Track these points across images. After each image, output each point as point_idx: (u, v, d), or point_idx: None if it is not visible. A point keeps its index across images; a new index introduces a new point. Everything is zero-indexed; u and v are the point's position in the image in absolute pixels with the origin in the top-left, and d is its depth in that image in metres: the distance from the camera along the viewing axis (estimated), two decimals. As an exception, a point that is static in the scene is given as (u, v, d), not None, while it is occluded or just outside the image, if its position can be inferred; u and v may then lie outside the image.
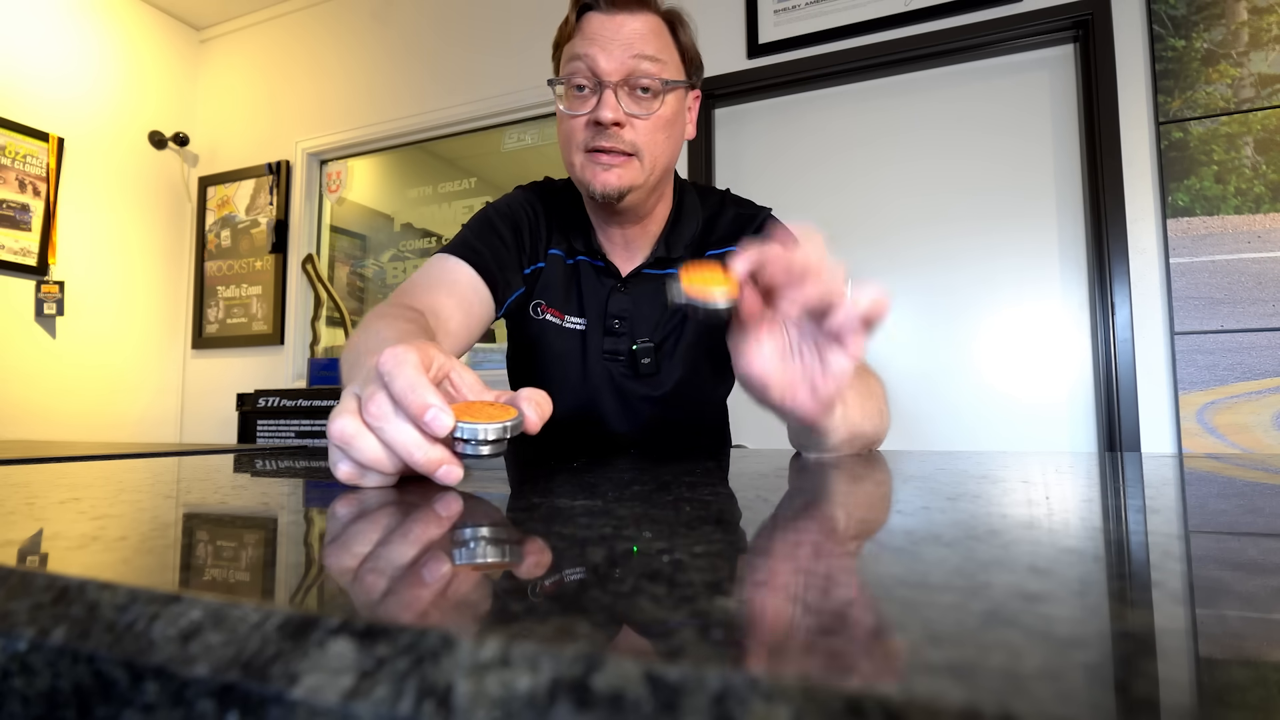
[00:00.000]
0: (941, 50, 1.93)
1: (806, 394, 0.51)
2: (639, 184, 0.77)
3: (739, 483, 0.40)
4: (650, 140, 0.77)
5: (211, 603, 0.14)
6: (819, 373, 0.50)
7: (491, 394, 0.42)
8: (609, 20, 0.75)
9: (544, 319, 0.86)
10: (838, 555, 0.20)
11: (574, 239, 0.86)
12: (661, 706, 0.10)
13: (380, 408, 0.36)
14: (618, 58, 0.74)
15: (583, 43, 0.75)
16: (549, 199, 0.89)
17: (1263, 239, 1.62)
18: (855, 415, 0.61)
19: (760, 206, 0.90)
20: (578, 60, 0.75)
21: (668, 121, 0.78)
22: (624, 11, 0.75)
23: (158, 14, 3.02)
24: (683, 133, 0.83)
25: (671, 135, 0.79)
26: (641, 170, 0.77)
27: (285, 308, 2.85)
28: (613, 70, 0.74)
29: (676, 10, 0.80)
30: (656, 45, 0.76)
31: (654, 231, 0.86)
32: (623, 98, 0.75)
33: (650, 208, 0.84)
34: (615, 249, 0.87)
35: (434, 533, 0.23)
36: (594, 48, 0.74)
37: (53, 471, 0.47)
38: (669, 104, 0.77)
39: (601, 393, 0.87)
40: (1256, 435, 1.59)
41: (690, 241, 0.86)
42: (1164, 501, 0.32)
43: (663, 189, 0.84)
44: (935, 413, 1.92)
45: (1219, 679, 0.11)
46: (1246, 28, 1.68)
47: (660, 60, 0.76)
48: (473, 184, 2.68)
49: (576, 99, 0.77)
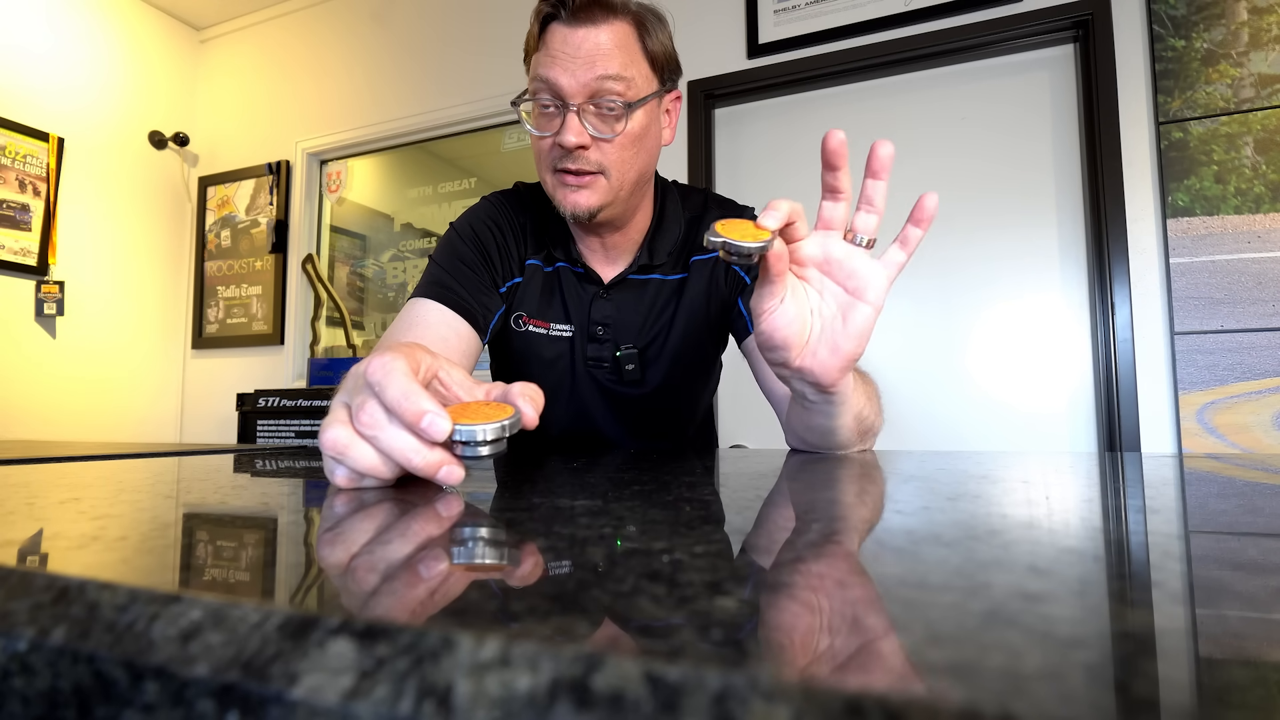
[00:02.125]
0: (941, 50, 1.93)
1: (827, 352, 0.53)
2: (608, 202, 0.76)
3: (739, 482, 0.40)
4: (618, 159, 0.75)
5: (211, 603, 0.14)
6: (840, 330, 0.53)
7: (482, 389, 0.42)
8: (571, 35, 0.72)
9: (527, 330, 0.85)
10: (838, 555, 0.20)
11: (553, 247, 0.84)
12: (661, 706, 0.10)
13: (373, 416, 0.35)
14: (580, 78, 0.71)
15: (546, 61, 0.72)
16: (523, 208, 0.87)
17: (1263, 239, 1.62)
18: (860, 394, 0.64)
19: (743, 206, 0.90)
20: (540, 80, 0.73)
21: (636, 138, 0.75)
22: (587, 23, 0.71)
23: (158, 14, 3.02)
24: (657, 141, 0.80)
25: (642, 150, 0.77)
26: (610, 189, 0.76)
27: (285, 308, 2.85)
28: (575, 92, 0.71)
29: (646, 10, 0.76)
30: (622, 60, 0.72)
31: (635, 239, 0.85)
32: (588, 119, 0.72)
33: (629, 217, 0.82)
34: (595, 257, 0.85)
35: (432, 533, 0.23)
36: (556, 68, 0.71)
37: (53, 471, 0.47)
38: (637, 120, 0.74)
39: (590, 399, 0.87)
40: (1256, 435, 1.59)
41: (674, 247, 0.85)
42: (1164, 501, 0.32)
43: (639, 199, 0.82)
44: (935, 412, 1.92)
45: (1219, 679, 0.11)
46: (1246, 28, 1.68)
47: (625, 78, 0.72)
48: (473, 184, 2.68)
49: (543, 117, 0.75)
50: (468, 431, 0.36)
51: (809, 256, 0.53)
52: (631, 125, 0.74)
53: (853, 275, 0.53)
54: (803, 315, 0.53)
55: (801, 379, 0.56)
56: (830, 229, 0.54)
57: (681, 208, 0.88)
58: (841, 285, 0.54)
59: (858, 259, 0.53)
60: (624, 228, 0.83)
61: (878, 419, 0.71)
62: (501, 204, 0.87)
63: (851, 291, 0.53)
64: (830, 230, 0.54)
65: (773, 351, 0.54)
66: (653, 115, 0.78)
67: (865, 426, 0.67)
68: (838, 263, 0.53)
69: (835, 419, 0.61)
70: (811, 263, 0.54)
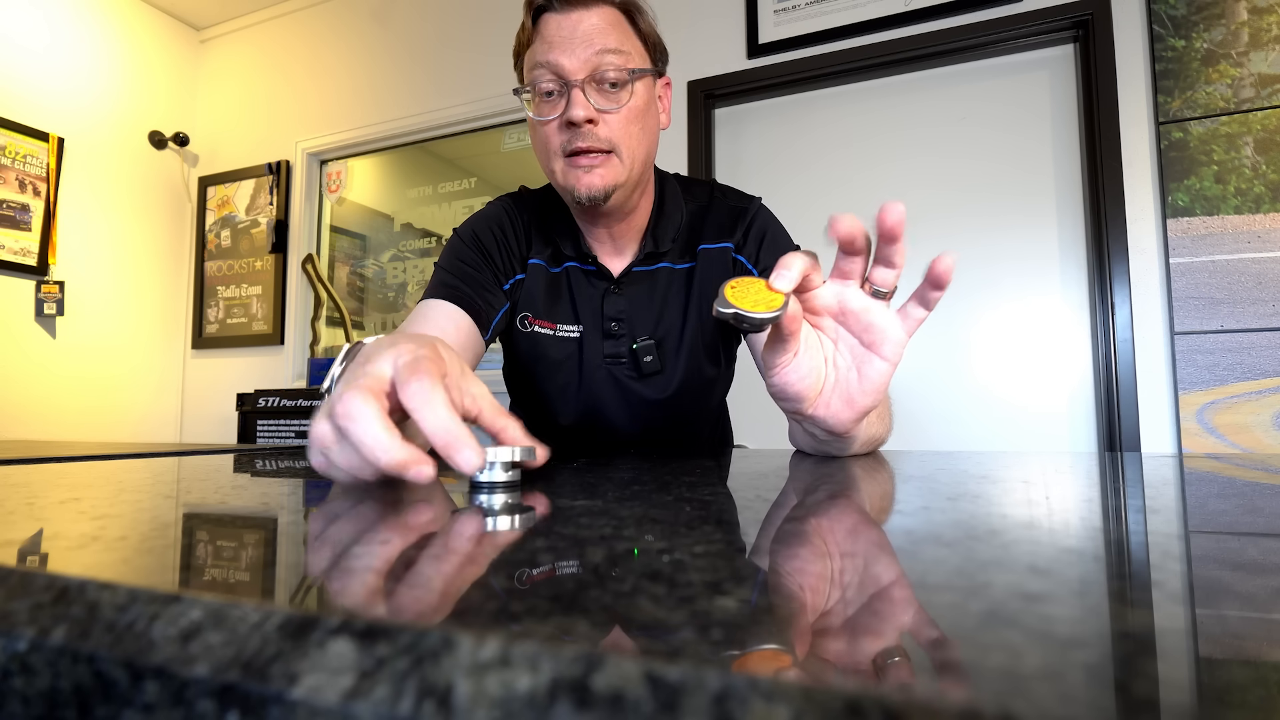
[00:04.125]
0: (941, 50, 1.93)
1: (841, 404, 0.52)
2: (622, 181, 0.77)
3: (739, 483, 0.40)
4: (625, 133, 0.76)
5: (211, 603, 0.14)
6: (855, 384, 0.51)
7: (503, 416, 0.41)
8: (565, 19, 0.74)
9: (533, 331, 0.85)
10: (838, 555, 0.20)
11: (561, 245, 0.85)
12: (661, 706, 0.10)
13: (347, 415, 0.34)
14: (580, 55, 0.73)
15: (543, 47, 0.75)
16: (528, 209, 0.88)
17: (1263, 239, 1.62)
18: (873, 418, 0.62)
19: (750, 196, 0.89)
20: (541, 67, 0.74)
21: (640, 112, 0.77)
22: (579, 7, 0.74)
23: (158, 14, 3.02)
24: (657, 123, 0.82)
25: (646, 126, 0.78)
26: (622, 166, 0.77)
27: (285, 308, 2.85)
28: (577, 68, 0.73)
29: None
30: (618, 37, 0.75)
31: (640, 226, 0.85)
32: (591, 94, 0.74)
33: (635, 203, 0.83)
34: (604, 250, 0.85)
35: (431, 533, 0.23)
36: (555, 50, 0.74)
37: (53, 471, 0.47)
38: (639, 93, 0.76)
39: (604, 397, 0.86)
40: (1256, 435, 1.59)
41: (677, 233, 0.86)
42: (1164, 501, 0.32)
43: (645, 183, 0.84)
44: (935, 412, 1.92)
45: (1219, 679, 0.11)
46: (1246, 28, 1.68)
47: (623, 51, 0.75)
48: (473, 184, 2.68)
49: (545, 104, 0.76)
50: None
51: (824, 306, 0.52)
52: (635, 99, 0.76)
53: (869, 328, 0.51)
54: (817, 368, 0.51)
55: (814, 425, 0.55)
56: (847, 280, 0.51)
57: (682, 197, 0.89)
58: (858, 337, 0.51)
59: (875, 311, 0.51)
60: (630, 215, 0.84)
61: (887, 432, 0.69)
62: (504, 205, 0.88)
63: (867, 345, 0.51)
64: (847, 280, 0.51)
65: (785, 402, 0.53)
66: (651, 93, 0.80)
67: (874, 443, 0.66)
68: (854, 314, 0.51)
69: (847, 450, 0.60)
70: (827, 312, 0.52)
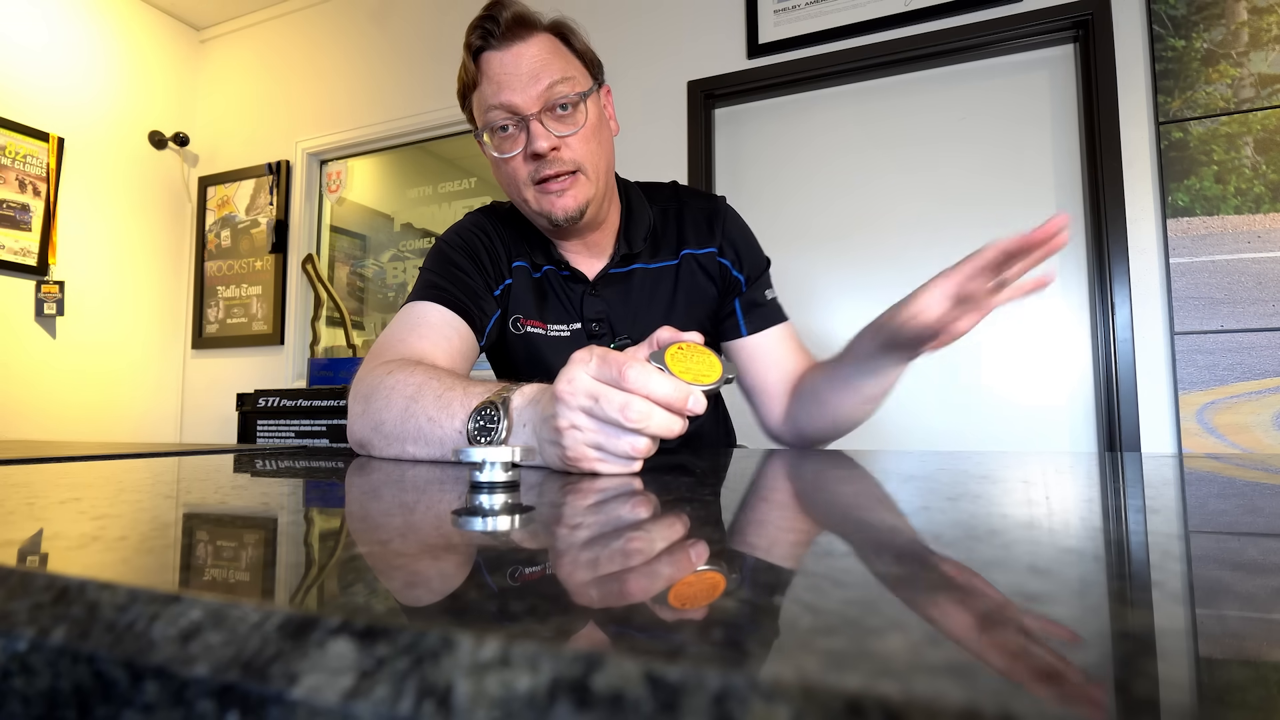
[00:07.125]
0: (941, 50, 1.93)
1: (967, 323, 0.66)
2: (592, 196, 0.80)
3: (739, 482, 0.40)
4: (587, 151, 0.79)
5: (211, 603, 0.14)
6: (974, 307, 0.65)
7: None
8: (506, 55, 0.76)
9: (526, 332, 0.87)
10: (838, 555, 0.20)
11: (535, 255, 0.87)
12: (661, 706, 0.10)
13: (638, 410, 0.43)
14: (531, 91, 0.75)
15: (492, 89, 0.77)
16: (501, 221, 0.90)
17: (1263, 239, 1.62)
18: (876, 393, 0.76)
19: (713, 195, 0.94)
20: (495, 109, 0.77)
21: (596, 128, 0.80)
22: (517, 41, 0.76)
23: (158, 14, 3.01)
24: (610, 133, 0.85)
25: (602, 140, 0.82)
26: (589, 182, 0.80)
27: (285, 308, 2.85)
28: (530, 103, 0.76)
29: (560, 20, 0.81)
30: (560, 64, 0.77)
31: (612, 232, 0.88)
32: (549, 122, 0.77)
33: (606, 213, 0.86)
34: (578, 257, 0.88)
35: (432, 533, 0.23)
36: (505, 91, 0.76)
37: (53, 471, 0.47)
38: (591, 111, 0.79)
39: None
40: (1256, 435, 1.59)
41: (648, 233, 0.88)
42: (1164, 501, 0.32)
43: (611, 192, 0.87)
44: (935, 412, 1.92)
45: (1219, 679, 0.11)
46: (1246, 28, 1.68)
47: (569, 76, 0.77)
48: (473, 184, 2.68)
49: (505, 140, 0.79)
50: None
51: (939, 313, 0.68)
52: (589, 117, 0.79)
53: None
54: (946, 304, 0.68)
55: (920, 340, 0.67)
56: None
57: (647, 201, 0.92)
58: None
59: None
60: (601, 224, 0.86)
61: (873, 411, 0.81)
62: (484, 216, 0.91)
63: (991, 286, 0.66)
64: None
65: (907, 326, 0.68)
66: (599, 106, 0.83)
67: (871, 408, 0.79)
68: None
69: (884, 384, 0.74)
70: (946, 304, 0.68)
